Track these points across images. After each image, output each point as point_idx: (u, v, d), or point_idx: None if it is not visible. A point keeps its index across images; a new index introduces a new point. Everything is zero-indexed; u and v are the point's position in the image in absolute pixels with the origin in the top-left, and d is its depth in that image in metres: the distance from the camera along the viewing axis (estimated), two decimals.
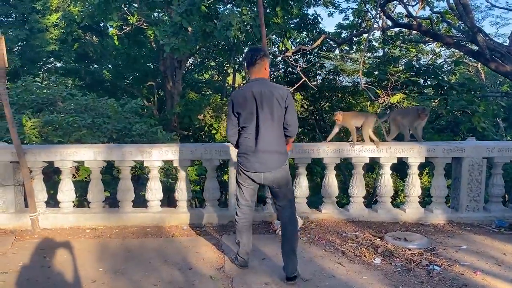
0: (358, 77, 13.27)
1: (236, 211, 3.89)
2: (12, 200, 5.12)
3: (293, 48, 13.05)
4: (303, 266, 3.98)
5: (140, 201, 5.82)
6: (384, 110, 14.06)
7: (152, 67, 18.03)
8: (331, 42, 16.69)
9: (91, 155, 5.11)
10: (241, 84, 20.93)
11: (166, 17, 11.30)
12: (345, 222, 5.26)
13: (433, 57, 18.89)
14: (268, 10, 11.76)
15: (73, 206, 5.40)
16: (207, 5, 9.54)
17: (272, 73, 20.19)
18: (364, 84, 11.48)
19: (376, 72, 13.38)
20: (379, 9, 12.04)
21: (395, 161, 5.34)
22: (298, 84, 12.00)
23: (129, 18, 10.38)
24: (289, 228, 3.81)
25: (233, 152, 5.09)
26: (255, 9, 11.02)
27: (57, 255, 4.26)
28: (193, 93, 16.06)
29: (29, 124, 7.95)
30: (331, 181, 5.34)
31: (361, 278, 3.78)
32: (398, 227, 5.13)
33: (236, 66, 19.91)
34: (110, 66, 17.03)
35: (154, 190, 5.25)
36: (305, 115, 22.42)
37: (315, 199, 6.53)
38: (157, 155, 5.12)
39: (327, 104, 20.28)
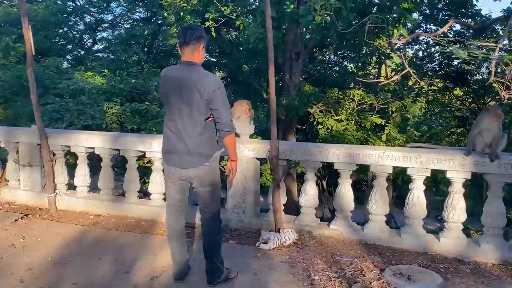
0: None
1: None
2: (39, 179, 5.48)
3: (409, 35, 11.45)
4: None
5: None
6: None
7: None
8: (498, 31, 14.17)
9: (99, 142, 5.14)
10: (391, 75, 19.06)
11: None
12: (356, 243, 4.27)
13: None
14: None
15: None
16: None
17: (424, 65, 18.22)
18: (494, 77, 9.51)
19: None
20: None
21: (428, 174, 4.11)
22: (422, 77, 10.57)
23: (223, 9, 10.36)
24: (207, 239, 3.39)
25: None
26: None
27: (34, 237, 4.36)
28: (309, 86, 15.44)
29: (111, 111, 8.53)
30: (344, 191, 4.38)
31: None
32: (423, 260, 3.94)
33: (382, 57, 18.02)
34: (225, 60, 17.52)
35: (155, 183, 5.04)
36: (467, 114, 19.70)
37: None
38: (157, 147, 4.88)
39: (493, 102, 17.46)
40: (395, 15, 11.03)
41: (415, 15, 14.58)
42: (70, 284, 3.41)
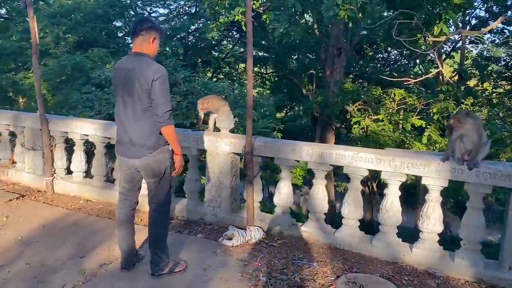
0: None
1: None
2: (40, 163, 5.73)
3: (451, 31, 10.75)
4: (193, 286, 3.29)
5: None
6: None
7: (311, 56, 17.67)
8: None
9: (91, 130, 5.28)
10: (451, 75, 17.95)
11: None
12: (324, 247, 4.09)
13: None
14: None
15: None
16: None
17: (488, 65, 17.14)
18: None
19: None
20: None
21: (403, 179, 3.84)
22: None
23: (253, 4, 10.27)
24: (152, 230, 3.39)
25: (208, 141, 4.54)
26: None
27: (17, 217, 4.58)
28: (349, 84, 15.01)
29: None
30: (317, 192, 4.20)
31: None
32: (389, 270, 3.70)
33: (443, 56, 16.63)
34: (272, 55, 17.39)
35: None
36: None
37: None
38: None
39: None
40: (437, 10, 10.39)
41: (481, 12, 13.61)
42: (23, 263, 3.55)
